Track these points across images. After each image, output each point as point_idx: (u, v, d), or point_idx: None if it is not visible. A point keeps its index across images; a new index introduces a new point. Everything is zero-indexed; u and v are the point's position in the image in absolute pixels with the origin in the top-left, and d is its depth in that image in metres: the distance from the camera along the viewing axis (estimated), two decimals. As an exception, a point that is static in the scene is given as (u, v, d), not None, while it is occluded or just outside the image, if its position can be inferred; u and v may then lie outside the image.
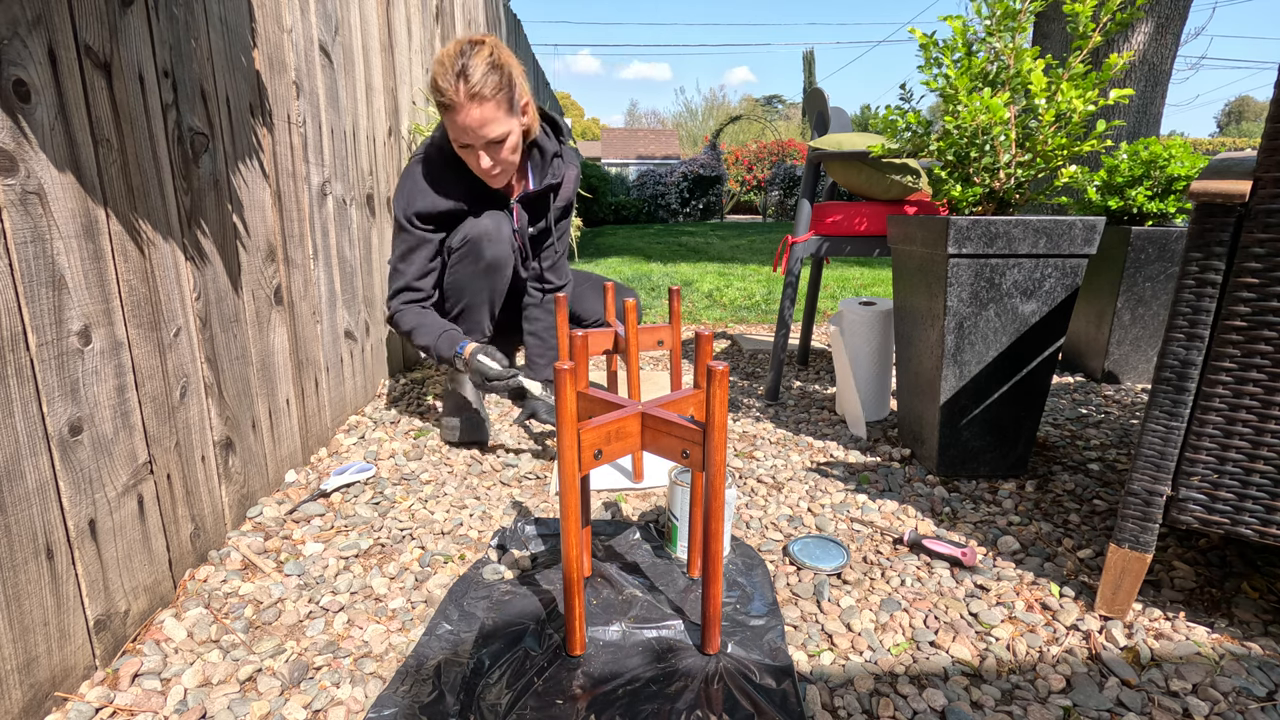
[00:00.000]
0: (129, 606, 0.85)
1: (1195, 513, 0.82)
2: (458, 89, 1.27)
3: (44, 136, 0.70)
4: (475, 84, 1.27)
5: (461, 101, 1.28)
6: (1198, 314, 0.78)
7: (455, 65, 1.27)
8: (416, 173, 1.44)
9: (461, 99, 1.28)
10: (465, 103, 1.28)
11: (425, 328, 1.45)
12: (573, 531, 0.77)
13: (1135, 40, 2.61)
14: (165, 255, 0.92)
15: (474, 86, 1.27)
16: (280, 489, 1.27)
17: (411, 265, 1.47)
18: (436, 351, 1.44)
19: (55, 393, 0.73)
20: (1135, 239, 1.80)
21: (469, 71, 1.27)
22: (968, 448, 1.31)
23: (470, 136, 1.32)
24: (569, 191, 1.61)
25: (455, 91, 1.27)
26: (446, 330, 1.45)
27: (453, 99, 1.28)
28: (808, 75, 31.76)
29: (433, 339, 1.44)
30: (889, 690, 0.78)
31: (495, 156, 1.37)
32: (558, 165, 1.56)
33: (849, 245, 1.79)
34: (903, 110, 1.34)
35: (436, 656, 0.82)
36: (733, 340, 2.68)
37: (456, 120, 1.30)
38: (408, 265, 1.47)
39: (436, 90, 1.29)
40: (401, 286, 1.48)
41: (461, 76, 1.27)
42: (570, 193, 1.62)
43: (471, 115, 1.29)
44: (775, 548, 1.08)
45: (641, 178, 12.81)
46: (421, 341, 1.45)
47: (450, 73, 1.27)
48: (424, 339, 1.44)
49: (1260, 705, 0.75)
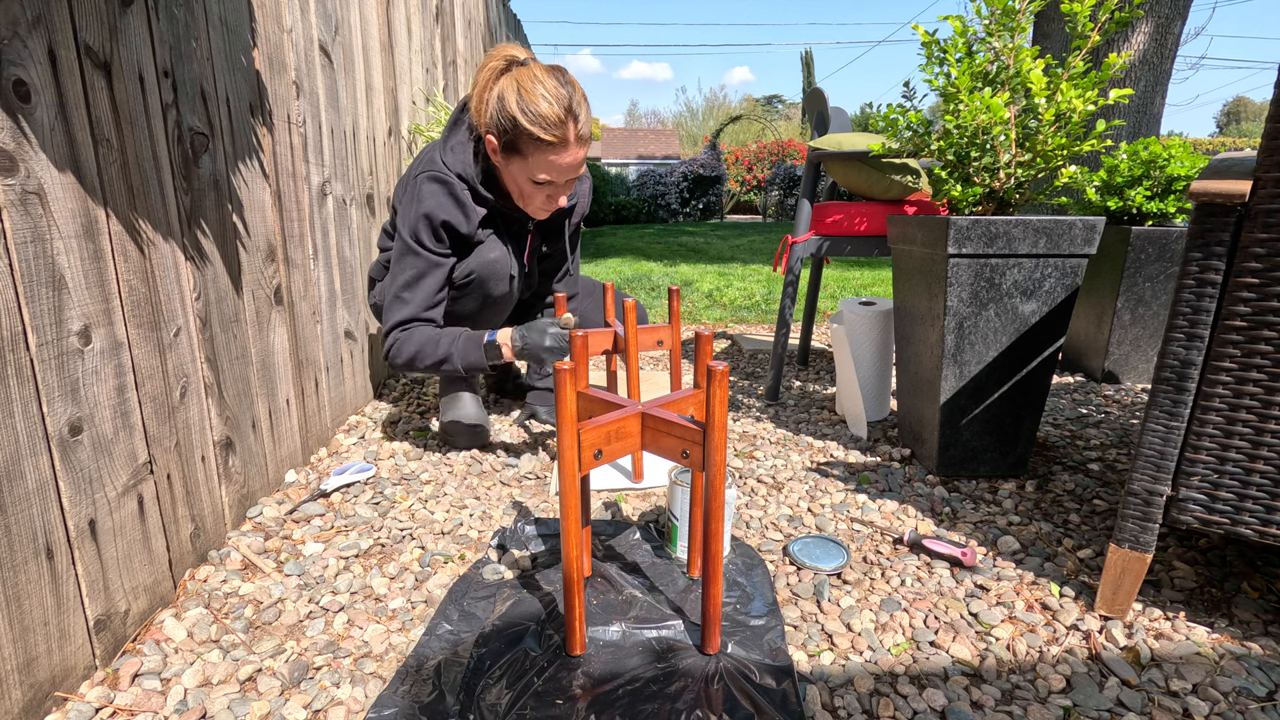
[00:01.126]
0: (129, 606, 0.85)
1: (1195, 513, 0.82)
2: (567, 129, 1.18)
3: (44, 136, 0.70)
4: (583, 124, 1.19)
5: (570, 142, 1.20)
6: (1198, 314, 0.78)
7: (561, 99, 1.16)
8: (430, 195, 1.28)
9: (571, 140, 1.20)
10: (574, 145, 1.20)
11: (433, 342, 1.29)
12: (573, 531, 0.77)
13: (1135, 40, 2.61)
14: (165, 255, 0.92)
15: (582, 128, 1.20)
16: (280, 489, 1.27)
17: (419, 293, 1.29)
18: (462, 359, 1.27)
19: (55, 393, 0.73)
20: (1135, 239, 1.80)
21: (577, 110, 1.18)
22: (968, 448, 1.31)
23: (565, 175, 1.24)
24: (584, 206, 1.55)
25: (566, 130, 1.18)
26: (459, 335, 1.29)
27: (562, 137, 1.18)
28: (807, 75, 31.78)
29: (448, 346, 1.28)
30: (889, 690, 0.78)
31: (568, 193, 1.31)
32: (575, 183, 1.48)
33: (849, 245, 1.79)
34: (904, 109, 1.34)
35: (436, 656, 0.82)
36: (733, 340, 2.68)
37: (558, 160, 1.21)
38: (414, 293, 1.29)
39: (537, 122, 1.16)
40: (406, 318, 1.29)
41: (572, 116, 1.18)
42: (585, 207, 1.56)
43: (576, 156, 1.22)
44: (775, 548, 1.08)
45: (641, 178, 12.81)
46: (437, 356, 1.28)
47: (558, 107, 1.16)
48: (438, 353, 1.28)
49: (1260, 705, 0.75)
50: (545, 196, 1.29)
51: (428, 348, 1.29)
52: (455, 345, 1.28)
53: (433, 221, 1.28)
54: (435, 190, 1.29)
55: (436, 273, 1.31)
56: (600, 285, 1.88)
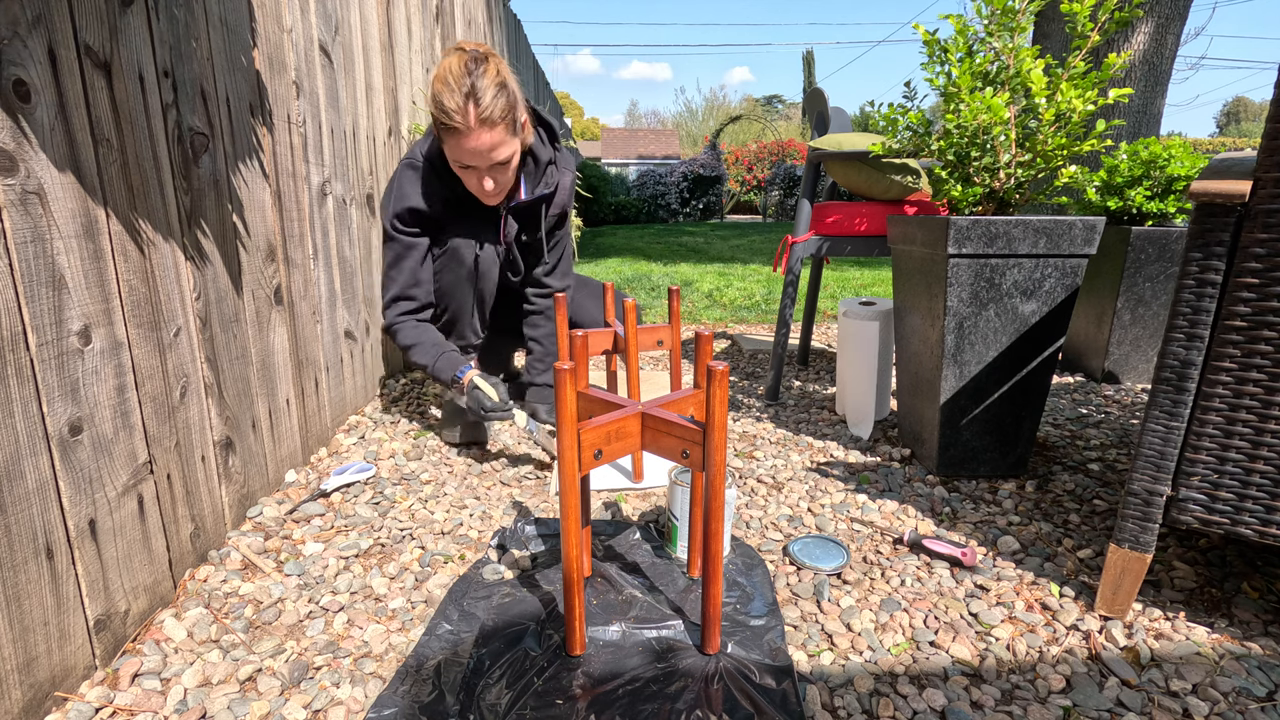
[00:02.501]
0: (129, 606, 0.85)
1: (1195, 513, 0.82)
2: (467, 112, 1.20)
3: (44, 136, 0.70)
4: (485, 108, 1.20)
5: (471, 126, 1.21)
6: (1198, 314, 0.78)
7: (463, 85, 1.19)
8: (403, 180, 1.40)
9: (472, 124, 1.21)
10: (475, 127, 1.21)
11: (422, 346, 1.42)
12: (573, 531, 0.77)
13: (1135, 40, 2.61)
14: (165, 255, 0.92)
15: (484, 110, 1.20)
16: (280, 489, 1.27)
17: (401, 273, 1.44)
18: (435, 373, 1.41)
19: (55, 393, 0.73)
20: (1135, 239, 1.80)
21: (479, 94, 1.19)
22: (968, 448, 1.31)
23: (477, 160, 1.27)
24: (563, 199, 1.56)
25: (464, 115, 1.20)
26: (445, 351, 1.42)
27: (461, 123, 1.21)
28: (807, 75, 31.78)
29: (431, 360, 1.41)
30: (889, 690, 0.78)
31: (498, 179, 1.33)
32: (551, 174, 1.50)
33: (849, 245, 1.79)
34: (904, 109, 1.34)
35: (436, 656, 0.82)
36: (733, 340, 2.68)
37: (463, 144, 1.24)
38: (398, 273, 1.44)
39: (441, 110, 1.21)
40: (394, 296, 1.45)
41: (471, 99, 1.19)
42: (565, 200, 1.57)
43: (481, 140, 1.23)
44: (775, 548, 1.08)
45: (641, 178, 12.81)
46: (420, 360, 1.42)
47: (458, 93, 1.19)
48: (422, 358, 1.42)
49: (1260, 705, 0.75)
50: (476, 181, 1.32)
51: (419, 348, 1.44)
52: (440, 361, 1.43)
53: (400, 206, 1.39)
54: (407, 176, 1.40)
55: (411, 254, 1.43)
56: (600, 284, 1.88)
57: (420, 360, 1.42)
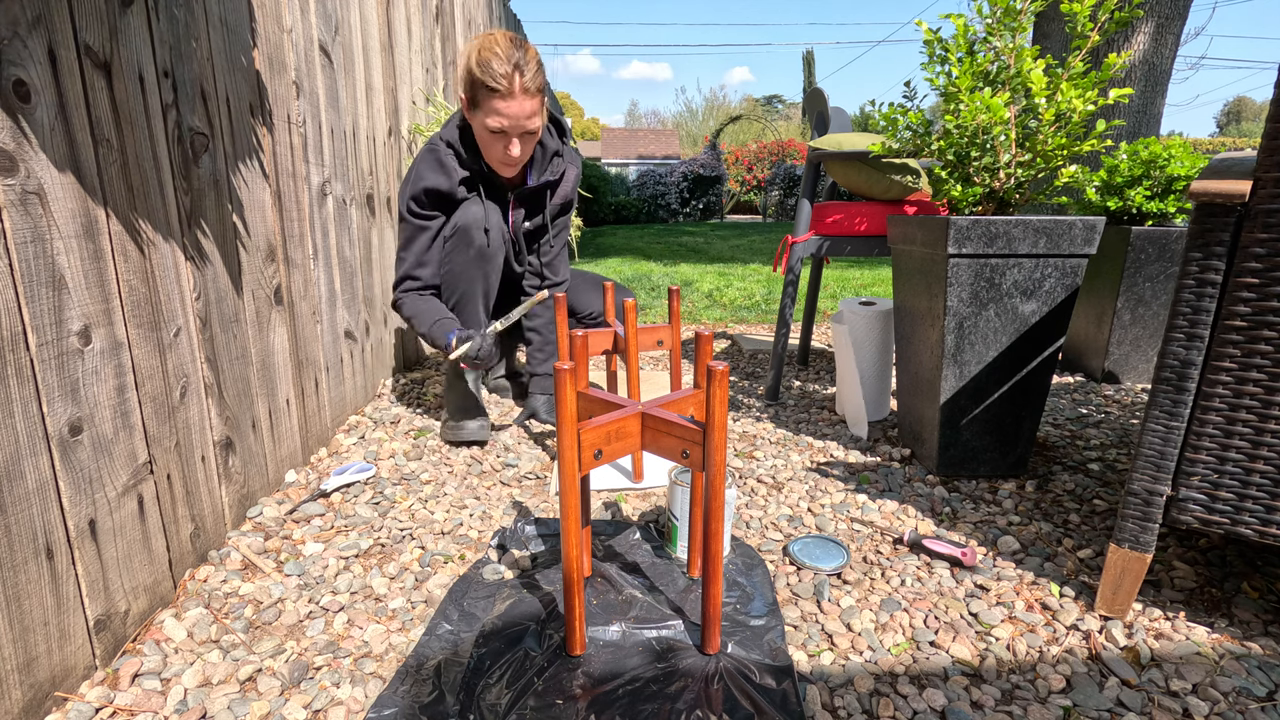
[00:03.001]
0: (129, 606, 0.85)
1: (1195, 513, 0.82)
2: (513, 79, 1.33)
3: (44, 136, 0.70)
4: (529, 79, 1.35)
5: (515, 92, 1.34)
6: (1198, 314, 0.78)
7: (512, 56, 1.33)
8: (421, 164, 1.49)
9: (516, 90, 1.34)
10: (519, 94, 1.35)
11: (422, 314, 1.49)
12: (573, 531, 0.77)
13: (1135, 40, 2.61)
14: (165, 255, 0.92)
15: (528, 81, 1.35)
16: (280, 489, 1.27)
17: (410, 253, 1.52)
18: (431, 338, 1.48)
19: (55, 393, 0.73)
20: (1135, 239, 1.80)
21: (524, 67, 1.34)
22: (968, 448, 1.31)
23: (511, 124, 1.38)
24: (568, 189, 1.63)
25: (510, 80, 1.33)
26: (440, 318, 1.48)
27: (506, 87, 1.33)
28: (807, 75, 31.78)
29: (428, 325, 1.48)
30: (889, 690, 0.78)
31: (525, 146, 1.44)
32: (557, 163, 1.59)
33: (849, 245, 1.79)
34: (904, 109, 1.34)
35: (436, 656, 0.82)
36: (733, 340, 2.68)
37: (504, 107, 1.36)
38: (407, 253, 1.52)
39: (488, 73, 1.32)
40: (402, 275, 1.53)
41: (518, 69, 1.33)
42: (569, 191, 1.64)
43: (522, 106, 1.37)
44: (775, 548, 1.08)
45: (641, 178, 12.81)
46: (420, 328, 1.49)
47: (507, 63, 1.32)
48: (421, 325, 1.49)
49: (1260, 705, 0.75)
50: (502, 148, 1.42)
51: (419, 316, 1.51)
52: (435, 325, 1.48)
53: (417, 188, 1.48)
54: (425, 157, 1.49)
55: (423, 236, 1.52)
56: (594, 276, 1.89)
57: (420, 328, 1.49)
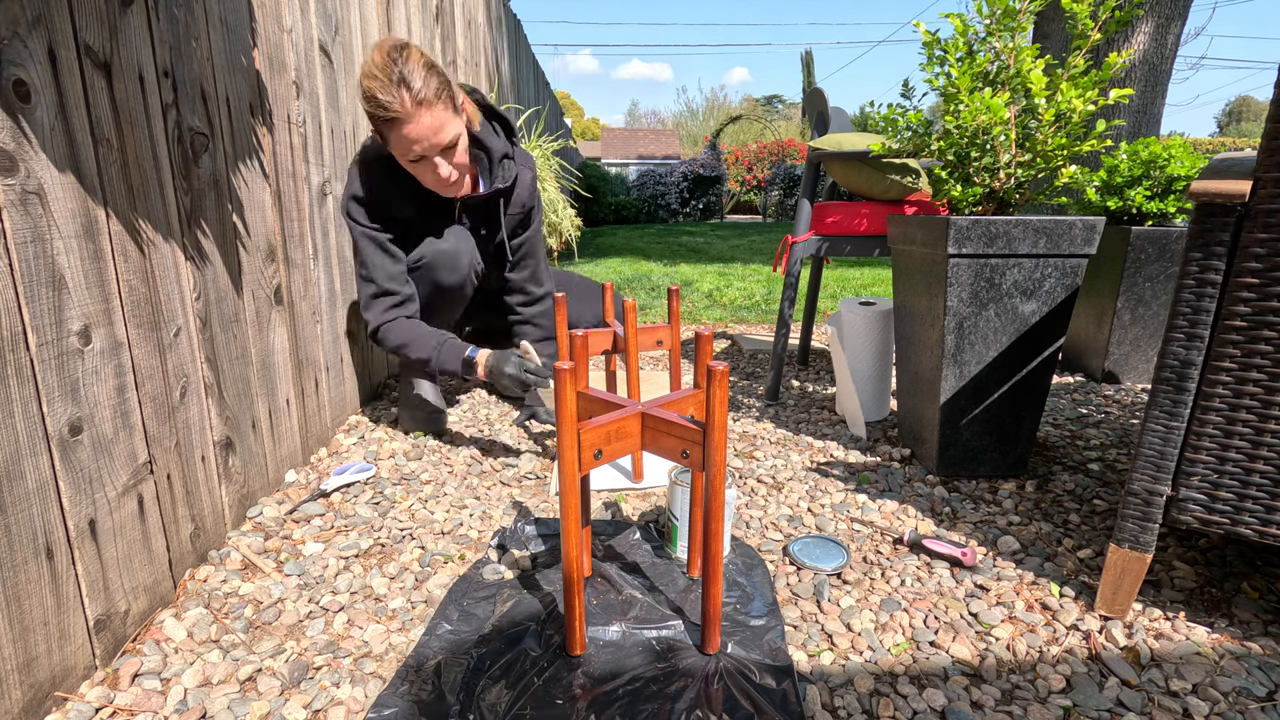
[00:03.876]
0: (129, 606, 0.85)
1: (1195, 513, 0.82)
2: (402, 99, 1.18)
3: (44, 136, 0.70)
4: (419, 89, 1.18)
5: (409, 110, 1.19)
6: (1198, 314, 0.78)
7: (391, 74, 1.17)
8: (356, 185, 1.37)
9: (409, 108, 1.18)
10: (414, 111, 1.19)
11: (419, 340, 1.38)
12: (573, 531, 0.77)
13: (1135, 40, 2.61)
14: (165, 255, 0.92)
15: (418, 93, 1.18)
16: (280, 489, 1.27)
17: (373, 268, 1.39)
18: (440, 365, 1.37)
19: (55, 393, 0.73)
20: (1135, 239, 1.80)
21: (409, 78, 1.18)
22: (968, 448, 1.31)
23: (424, 147, 1.24)
24: (524, 195, 1.49)
25: (401, 102, 1.18)
26: (445, 340, 1.38)
27: (399, 110, 1.18)
28: (807, 75, 31.77)
29: (432, 352, 1.37)
30: (889, 690, 0.78)
31: (452, 161, 1.29)
32: (508, 167, 1.44)
33: (849, 245, 1.79)
34: (904, 109, 1.34)
35: (436, 656, 0.82)
36: (733, 340, 2.68)
37: (406, 133, 1.21)
38: (370, 269, 1.40)
39: (376, 105, 1.19)
40: (375, 293, 1.40)
41: (403, 84, 1.17)
42: (526, 197, 1.50)
43: (423, 124, 1.21)
44: (775, 548, 1.08)
45: (641, 178, 12.80)
46: (418, 355, 1.38)
47: (389, 83, 1.17)
48: (421, 352, 1.37)
49: (1260, 705, 0.75)
50: (431, 173, 1.28)
51: (415, 342, 1.39)
52: (439, 350, 1.38)
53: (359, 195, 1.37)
54: (353, 171, 1.39)
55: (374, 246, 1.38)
56: (598, 285, 1.88)
57: (419, 355, 1.38)
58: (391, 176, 1.36)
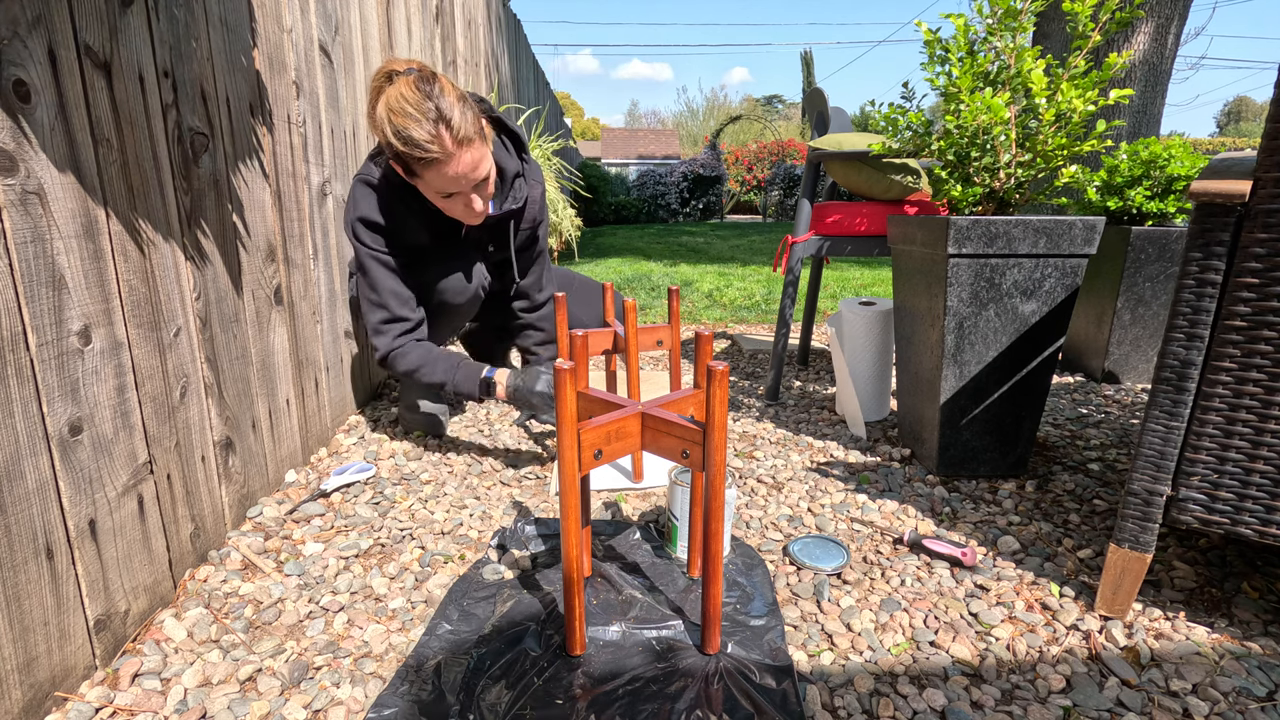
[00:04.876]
0: (129, 606, 0.85)
1: (1195, 513, 0.82)
2: (443, 139, 1.10)
3: (44, 136, 0.70)
4: (458, 127, 1.11)
5: (451, 151, 1.12)
6: (1198, 314, 0.78)
7: (427, 110, 1.09)
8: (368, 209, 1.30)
9: (450, 148, 1.11)
10: (455, 151, 1.12)
11: (433, 364, 1.34)
12: (573, 531, 0.77)
13: (1135, 40, 2.61)
14: (165, 255, 0.92)
15: (458, 131, 1.11)
16: (280, 489, 1.27)
17: (382, 292, 1.33)
18: (456, 387, 1.33)
19: (55, 393, 0.73)
20: (1135, 239, 1.80)
21: (447, 114, 1.10)
22: (968, 448, 1.31)
23: (463, 184, 1.18)
24: (533, 213, 1.47)
25: (440, 141, 1.10)
26: (461, 362, 1.34)
27: (439, 151, 1.11)
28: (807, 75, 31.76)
29: (449, 375, 1.33)
30: (889, 690, 0.78)
31: (484, 193, 1.24)
32: (519, 187, 1.40)
33: (849, 245, 1.79)
34: (904, 109, 1.34)
35: (436, 656, 0.82)
36: (733, 340, 2.68)
37: (447, 172, 1.14)
38: (378, 293, 1.33)
39: (409, 144, 1.10)
40: (386, 319, 1.34)
41: (443, 123, 1.10)
42: (535, 214, 1.49)
43: (464, 162, 1.14)
44: (775, 548, 1.08)
45: (641, 178, 12.80)
46: (436, 379, 1.34)
47: (426, 120, 1.09)
48: (438, 375, 1.33)
49: (1260, 705, 0.75)
50: (463, 206, 1.24)
51: (428, 366, 1.35)
52: (454, 373, 1.35)
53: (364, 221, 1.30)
54: (362, 192, 1.31)
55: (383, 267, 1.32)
56: (598, 286, 1.88)
57: (436, 379, 1.34)
58: (408, 207, 1.31)
